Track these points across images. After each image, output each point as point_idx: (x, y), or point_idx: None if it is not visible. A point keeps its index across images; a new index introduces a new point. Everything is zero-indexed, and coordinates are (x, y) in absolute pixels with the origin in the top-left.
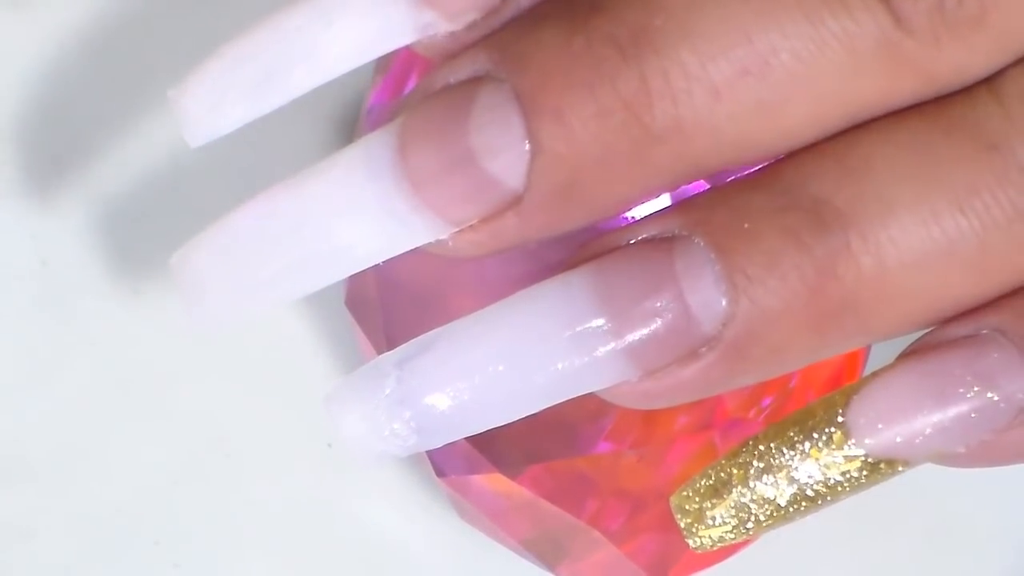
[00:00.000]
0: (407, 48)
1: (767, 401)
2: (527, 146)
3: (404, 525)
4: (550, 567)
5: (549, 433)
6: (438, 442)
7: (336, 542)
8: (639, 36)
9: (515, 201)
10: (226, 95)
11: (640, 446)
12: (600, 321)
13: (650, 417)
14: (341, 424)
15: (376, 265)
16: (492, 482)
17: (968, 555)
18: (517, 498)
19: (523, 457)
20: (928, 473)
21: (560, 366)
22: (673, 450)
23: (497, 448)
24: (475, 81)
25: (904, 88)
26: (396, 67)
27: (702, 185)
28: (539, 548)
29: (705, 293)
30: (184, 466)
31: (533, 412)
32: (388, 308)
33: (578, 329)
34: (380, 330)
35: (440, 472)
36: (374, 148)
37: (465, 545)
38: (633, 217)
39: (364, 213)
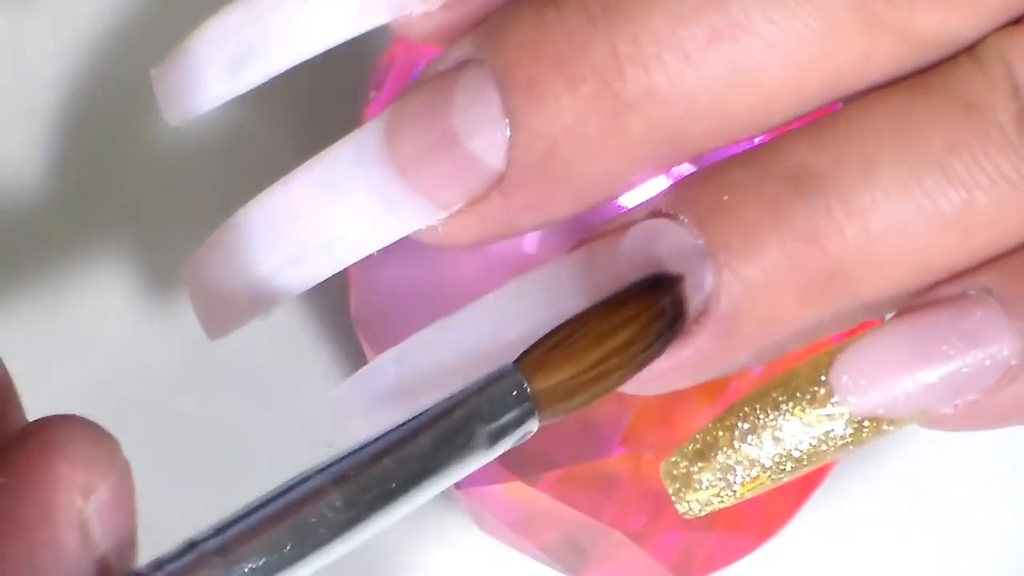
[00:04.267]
0: (401, 64)
1: None
2: (506, 122)
3: (422, 539)
4: (574, 572)
5: (566, 438)
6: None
7: (349, 556)
8: (609, 3)
9: (499, 180)
10: (204, 73)
11: (658, 446)
12: None
13: (666, 416)
14: (345, 429)
15: (384, 278)
16: (512, 491)
17: (968, 555)
18: (537, 505)
19: (541, 464)
20: (929, 474)
21: None
22: None
23: (515, 456)
24: (461, 66)
25: (882, 52)
26: (391, 83)
27: None
28: (562, 554)
29: (693, 271)
30: (184, 466)
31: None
32: (397, 326)
33: None
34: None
35: (458, 484)
36: (364, 135)
37: (486, 556)
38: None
39: (354, 199)
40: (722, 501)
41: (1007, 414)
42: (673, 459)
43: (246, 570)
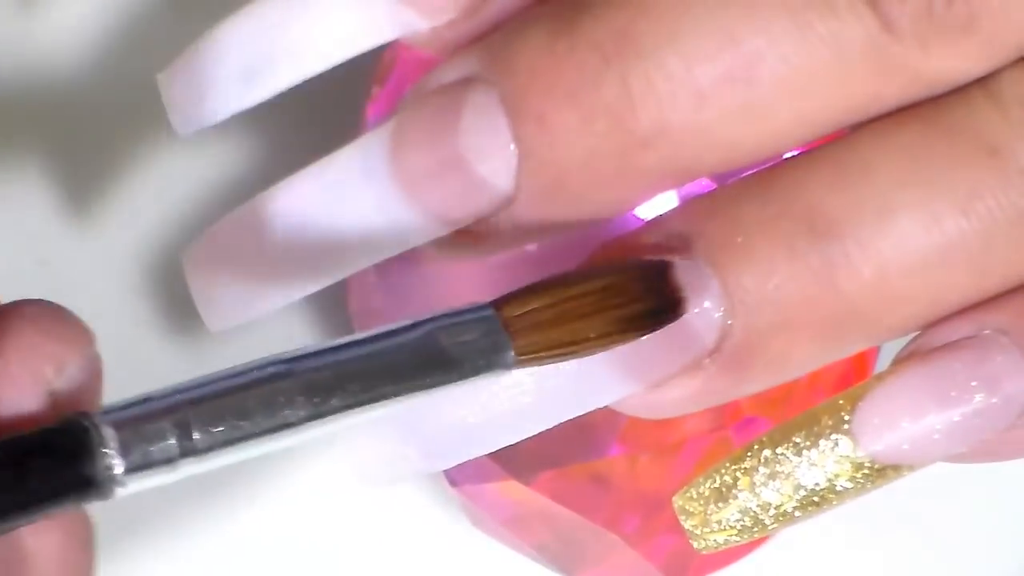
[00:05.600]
0: (404, 60)
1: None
2: (513, 148)
3: (416, 536)
4: (567, 572)
5: (562, 438)
6: (449, 463)
7: (343, 553)
8: (622, 40)
9: (506, 202)
10: (212, 87)
11: (653, 447)
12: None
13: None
14: (352, 453)
15: (382, 278)
16: (506, 490)
17: (968, 555)
18: (532, 504)
19: (536, 463)
20: (930, 474)
21: None
22: (687, 450)
23: (510, 455)
24: (466, 83)
25: (893, 91)
26: (394, 79)
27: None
28: (555, 554)
29: (705, 306)
30: None
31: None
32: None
33: None
34: None
35: (453, 482)
36: (368, 148)
37: (480, 553)
38: (637, 216)
39: (358, 213)
40: (740, 540)
41: (1016, 451)
42: (689, 494)
43: (197, 435)
